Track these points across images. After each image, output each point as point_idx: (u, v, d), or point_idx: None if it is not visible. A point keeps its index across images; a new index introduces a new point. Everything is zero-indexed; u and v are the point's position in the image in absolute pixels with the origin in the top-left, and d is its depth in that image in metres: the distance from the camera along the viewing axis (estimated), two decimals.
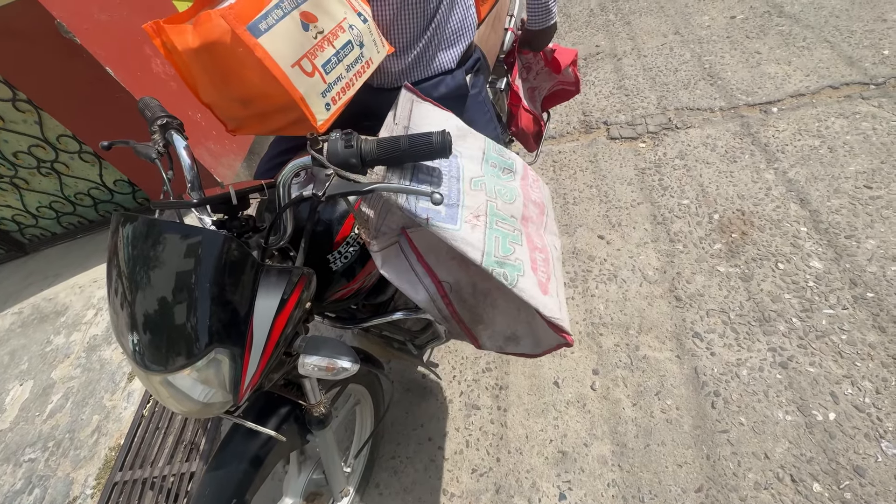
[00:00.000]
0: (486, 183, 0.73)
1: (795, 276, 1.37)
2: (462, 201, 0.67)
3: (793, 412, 1.13)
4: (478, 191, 0.71)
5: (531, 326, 0.78)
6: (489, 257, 0.65)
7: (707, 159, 1.80)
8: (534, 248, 0.74)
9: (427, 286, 0.74)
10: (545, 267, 0.74)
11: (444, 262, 0.73)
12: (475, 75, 1.00)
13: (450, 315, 0.76)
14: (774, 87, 1.97)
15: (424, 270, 0.73)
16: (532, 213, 0.78)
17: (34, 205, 2.65)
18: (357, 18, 0.75)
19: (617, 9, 2.87)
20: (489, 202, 0.71)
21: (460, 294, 0.75)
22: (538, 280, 0.69)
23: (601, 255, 1.62)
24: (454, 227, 0.64)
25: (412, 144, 0.58)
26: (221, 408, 0.64)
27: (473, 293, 0.75)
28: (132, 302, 0.58)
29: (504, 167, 0.80)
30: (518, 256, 0.69)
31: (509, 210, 0.74)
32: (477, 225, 0.67)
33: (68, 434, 1.71)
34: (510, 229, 0.71)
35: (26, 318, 2.34)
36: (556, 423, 1.26)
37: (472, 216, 0.67)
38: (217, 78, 0.68)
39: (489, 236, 0.67)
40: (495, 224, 0.69)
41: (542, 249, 0.77)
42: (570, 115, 2.23)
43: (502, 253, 0.67)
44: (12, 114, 2.20)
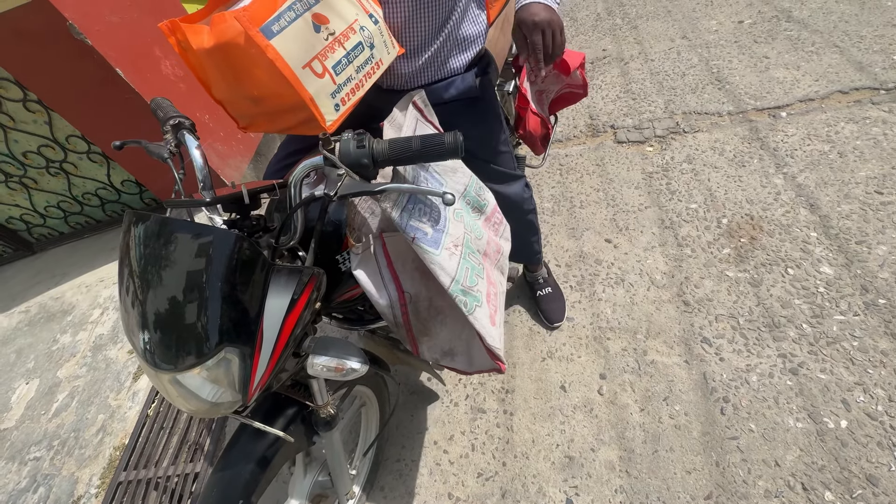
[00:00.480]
0: (465, 217, 0.79)
1: (805, 282, 1.35)
2: (447, 228, 0.72)
3: (804, 419, 1.11)
4: (458, 222, 0.76)
5: (468, 347, 0.85)
6: (457, 284, 0.70)
7: (715, 163, 1.79)
8: (490, 283, 0.80)
9: (390, 293, 0.77)
10: (495, 301, 0.81)
11: (409, 272, 0.77)
12: (485, 78, 1.00)
13: (402, 323, 0.81)
14: (783, 92, 1.96)
15: (391, 276, 0.77)
16: (491, 251, 0.85)
17: (42, 204, 2.67)
18: (368, 20, 0.75)
19: (623, 13, 2.87)
20: (466, 234, 0.76)
21: (417, 306, 0.80)
22: (489, 312, 0.76)
23: (608, 258, 1.61)
24: (435, 252, 0.68)
25: (424, 145, 0.58)
26: (230, 407, 0.63)
27: (428, 308, 0.81)
28: (143, 300, 0.58)
29: (476, 206, 0.85)
30: (479, 289, 0.75)
31: (478, 245, 0.80)
32: (454, 253, 0.71)
33: (73, 433, 1.71)
34: (477, 263, 0.77)
35: (33, 317, 2.35)
36: (563, 427, 1.25)
37: (452, 244, 0.71)
38: (230, 76, 0.68)
39: (462, 266, 0.72)
40: (468, 256, 0.75)
41: (495, 285, 0.83)
42: (576, 119, 2.23)
43: (468, 283, 0.72)
44: (23, 114, 2.22)
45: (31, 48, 1.78)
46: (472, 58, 0.96)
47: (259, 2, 0.63)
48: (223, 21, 0.62)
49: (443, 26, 0.87)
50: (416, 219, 0.68)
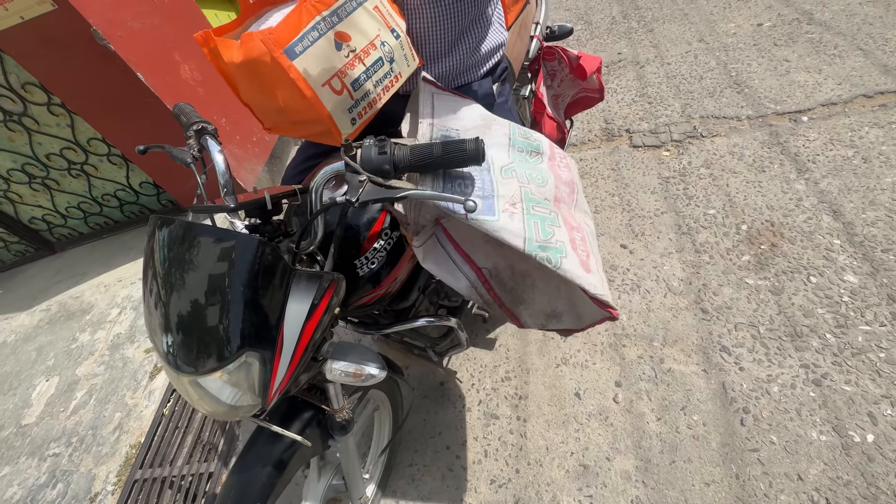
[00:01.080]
0: (517, 169, 0.74)
1: (829, 291, 1.32)
2: (496, 191, 0.68)
3: (828, 432, 1.08)
4: (510, 178, 0.71)
5: (571, 302, 0.79)
6: (531, 243, 0.66)
7: (734, 169, 1.76)
8: (571, 228, 0.74)
9: (467, 274, 0.75)
10: (584, 245, 0.74)
11: (481, 248, 0.74)
12: (502, 84, 1.00)
13: (491, 300, 0.77)
14: (804, 96, 1.92)
15: (463, 258, 0.75)
16: (563, 193, 0.79)
17: (63, 205, 2.73)
18: (390, 35, 0.76)
19: (639, 16, 2.84)
20: (522, 188, 0.72)
21: (500, 278, 0.76)
22: (580, 259, 0.70)
23: (624, 264, 1.59)
24: (493, 219, 0.65)
25: (445, 152, 0.58)
26: (249, 411, 0.64)
27: (512, 276, 0.77)
28: (167, 303, 0.58)
29: (531, 150, 0.80)
30: (558, 238, 0.69)
31: (543, 193, 0.74)
32: (514, 213, 0.67)
33: (91, 430, 1.74)
34: (547, 212, 0.72)
35: (53, 315, 2.40)
36: (578, 435, 1.24)
37: (508, 205, 0.67)
38: (257, 87, 0.72)
39: (528, 222, 0.67)
40: (532, 209, 0.70)
41: (579, 228, 0.77)
42: (591, 123, 2.21)
43: (543, 237, 0.67)
44: (46, 117, 2.27)
45: (56, 53, 1.83)
46: (492, 64, 0.96)
47: (285, 22, 0.65)
48: (251, 41, 0.66)
49: (463, 34, 0.87)
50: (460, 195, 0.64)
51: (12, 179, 2.56)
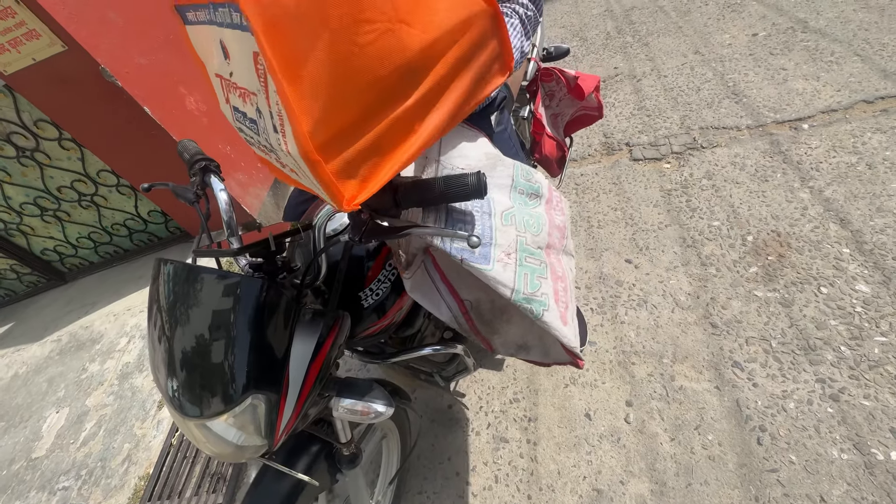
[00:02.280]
0: (516, 215, 0.74)
1: (841, 301, 1.29)
2: (494, 240, 0.68)
3: (849, 450, 1.05)
4: (509, 226, 0.72)
5: (542, 339, 0.82)
6: (518, 294, 0.67)
7: (736, 179, 1.75)
8: (556, 279, 0.76)
9: (450, 304, 0.77)
10: (565, 296, 0.76)
11: (464, 279, 0.75)
12: (500, 113, 1.01)
13: (469, 329, 0.80)
14: (803, 104, 1.92)
15: (447, 289, 0.76)
16: (554, 239, 0.80)
17: (74, 236, 2.79)
18: None
19: (634, 31, 2.88)
20: (519, 237, 0.72)
21: (479, 311, 0.78)
22: (559, 312, 0.72)
23: (629, 279, 1.57)
24: (488, 267, 0.65)
25: (447, 187, 0.58)
26: (256, 452, 0.63)
27: (492, 310, 0.79)
28: (171, 347, 0.59)
29: (531, 192, 0.81)
30: (544, 291, 0.71)
31: (537, 241, 0.75)
32: (508, 263, 0.68)
33: (100, 462, 1.74)
34: (537, 263, 0.73)
35: (64, 346, 2.43)
36: (590, 458, 1.21)
37: (503, 254, 0.68)
38: None
39: (519, 273, 0.69)
40: (524, 260, 0.71)
41: (563, 278, 0.78)
42: (591, 138, 2.22)
43: (530, 290, 0.69)
44: (58, 151, 2.34)
45: (66, 91, 1.89)
46: (488, 101, 0.97)
47: None
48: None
49: None
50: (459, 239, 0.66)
51: (25, 213, 2.62)
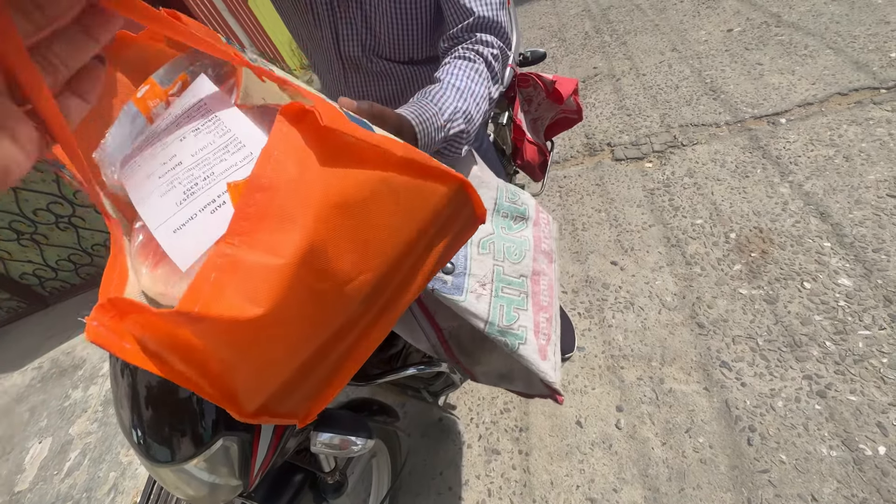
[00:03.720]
0: (495, 242, 0.72)
1: (824, 296, 1.30)
2: (469, 269, 0.66)
3: (838, 447, 1.05)
4: (486, 255, 0.70)
5: (525, 372, 0.77)
6: (492, 326, 0.65)
7: (717, 176, 1.75)
8: (539, 310, 0.73)
9: (427, 333, 0.73)
10: (548, 328, 0.73)
11: (443, 308, 0.72)
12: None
13: (449, 358, 0.77)
14: (780, 98, 1.93)
15: (424, 315, 0.72)
16: (542, 265, 0.77)
17: (54, 258, 2.72)
18: None
19: (612, 30, 2.89)
20: (496, 266, 0.70)
21: (458, 339, 0.75)
22: (538, 346, 0.69)
23: (615, 282, 1.57)
24: (460, 298, 0.63)
25: None
26: (232, 493, 0.61)
27: (472, 339, 0.75)
28: (135, 393, 0.56)
29: (516, 215, 0.78)
30: (521, 323, 0.69)
31: (517, 270, 0.72)
32: (482, 294, 0.66)
33: (85, 493, 1.69)
34: (516, 294, 0.70)
35: (46, 373, 2.36)
36: (582, 466, 1.20)
37: (477, 285, 0.66)
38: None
39: (494, 305, 0.66)
40: (501, 291, 0.69)
41: (547, 308, 0.76)
42: (573, 139, 2.22)
43: (506, 323, 0.67)
44: (31, 174, 2.28)
45: None
46: None
47: None
48: None
49: None
50: None
51: (0, 237, 2.56)
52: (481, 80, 0.63)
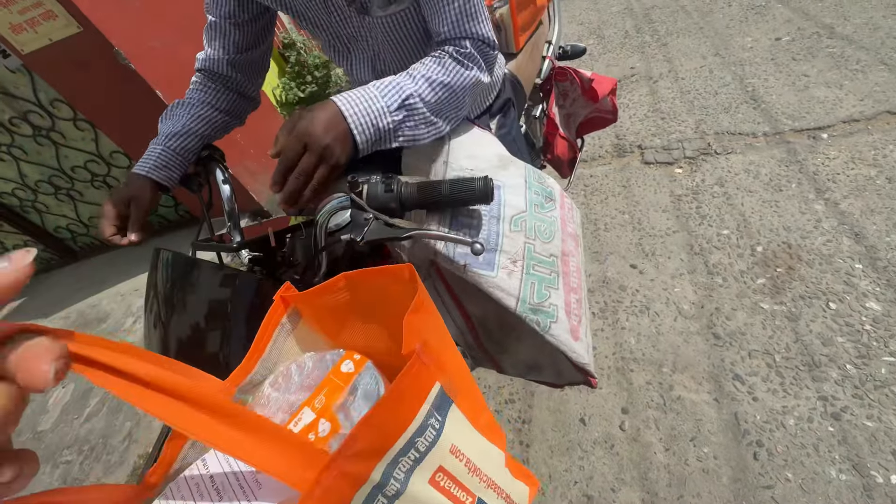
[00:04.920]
0: (527, 220, 0.72)
1: (849, 318, 1.26)
2: (500, 246, 0.66)
3: (847, 471, 1.02)
4: (517, 232, 0.69)
5: (554, 359, 0.76)
6: (524, 304, 0.64)
7: (749, 187, 1.71)
8: (569, 291, 0.72)
9: (455, 319, 0.73)
10: (578, 309, 0.72)
11: (471, 294, 0.72)
12: (504, 116, 0.98)
13: (475, 346, 0.76)
14: (824, 112, 1.86)
15: (454, 303, 0.73)
16: (570, 247, 0.77)
17: (87, 215, 2.83)
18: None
19: (653, 30, 2.82)
20: (527, 244, 0.70)
21: (486, 327, 0.74)
22: (570, 325, 0.68)
23: (633, 285, 1.55)
24: (491, 274, 0.63)
25: (454, 190, 0.57)
26: None
27: (500, 327, 0.74)
28: (166, 338, 0.59)
29: (545, 196, 0.78)
30: (553, 301, 0.68)
31: (548, 249, 0.72)
32: (514, 271, 0.66)
33: (102, 439, 1.78)
34: (547, 272, 0.70)
35: (72, 324, 2.48)
36: (582, 463, 1.20)
37: (509, 261, 0.66)
38: None
39: (525, 282, 0.66)
40: (532, 269, 0.68)
41: (577, 290, 0.75)
42: (602, 139, 2.19)
43: (537, 300, 0.66)
44: (72, 132, 2.37)
45: (81, 72, 1.91)
46: (487, 105, 0.95)
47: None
48: None
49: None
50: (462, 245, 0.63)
51: (39, 190, 2.67)
52: (440, 68, 0.67)
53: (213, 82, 0.85)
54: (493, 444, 0.49)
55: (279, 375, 0.49)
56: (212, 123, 0.84)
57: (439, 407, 0.41)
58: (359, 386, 0.46)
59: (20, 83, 2.18)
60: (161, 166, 0.76)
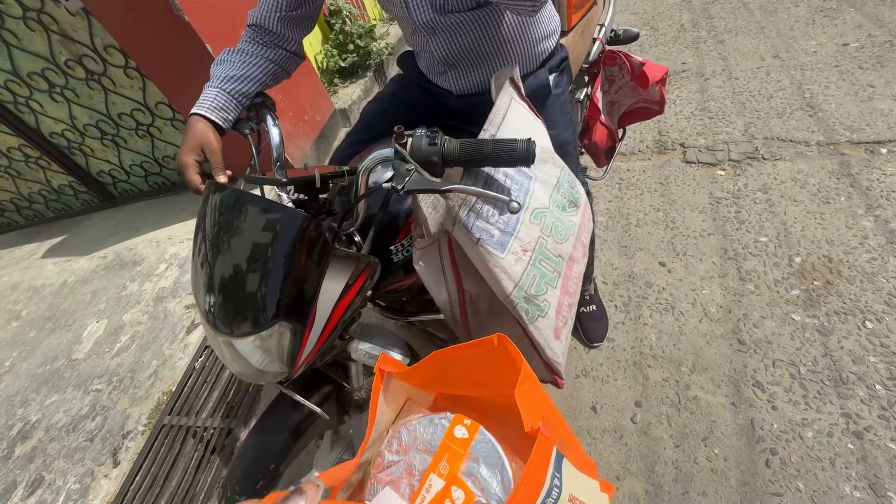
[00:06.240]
0: (546, 217, 0.73)
1: (886, 339, 1.22)
2: (517, 232, 0.68)
3: (863, 489, 1.01)
4: (535, 225, 0.71)
5: (527, 353, 0.79)
6: (519, 291, 0.67)
7: (795, 196, 1.65)
8: (565, 293, 0.75)
9: (450, 290, 0.76)
10: (567, 313, 0.75)
11: (472, 273, 0.75)
12: (560, 75, 0.98)
13: (461, 322, 0.79)
14: (887, 126, 1.76)
15: (453, 274, 0.75)
16: (578, 254, 0.79)
17: (128, 162, 2.93)
18: None
19: (710, 26, 2.70)
20: (541, 239, 0.72)
21: (476, 306, 0.77)
22: (556, 325, 0.71)
23: (660, 282, 1.53)
24: (500, 255, 0.66)
25: (495, 149, 0.58)
26: (275, 377, 0.67)
27: (488, 310, 0.78)
28: (212, 265, 0.62)
29: (571, 200, 0.79)
30: (547, 298, 0.70)
31: (558, 250, 0.74)
32: (521, 259, 0.68)
33: (130, 373, 1.88)
34: (551, 270, 0.72)
35: (109, 263, 2.60)
36: (589, 449, 1.21)
37: (520, 248, 0.68)
38: None
39: (528, 272, 0.68)
40: (538, 262, 0.71)
41: (572, 295, 0.78)
42: (644, 133, 2.13)
43: (534, 292, 0.69)
44: (122, 79, 2.44)
45: (137, 20, 1.95)
46: (544, 57, 0.94)
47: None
48: None
49: (512, 36, 0.86)
50: (483, 219, 0.65)
51: (87, 134, 2.77)
52: None
53: (263, 37, 0.87)
54: (591, 479, 0.54)
55: (392, 439, 0.54)
56: (265, 71, 0.86)
57: (557, 466, 0.47)
58: (478, 452, 0.50)
59: (78, 26, 2.24)
60: (218, 107, 0.78)
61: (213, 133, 0.77)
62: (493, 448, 0.50)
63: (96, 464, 1.60)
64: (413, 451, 0.52)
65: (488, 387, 0.57)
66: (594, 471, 0.59)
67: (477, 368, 0.55)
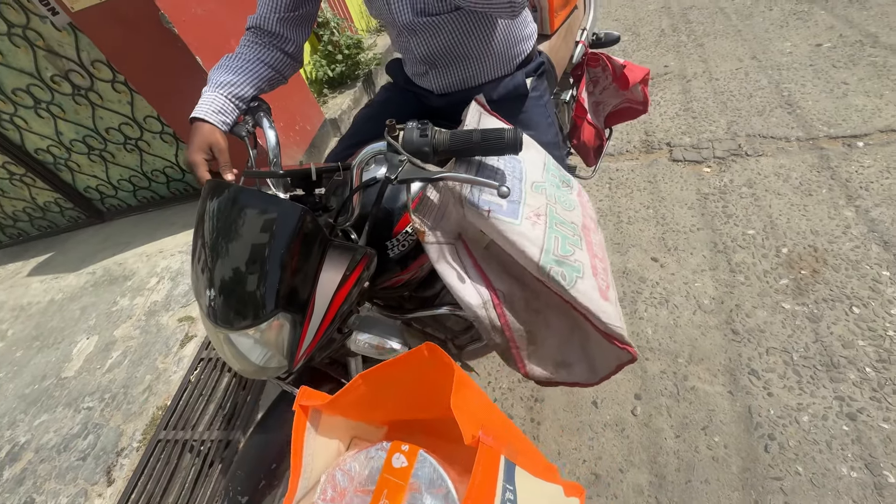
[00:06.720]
0: (547, 189, 0.73)
1: (873, 323, 1.25)
2: (524, 199, 0.68)
3: (859, 469, 1.03)
4: (539, 193, 0.71)
5: (584, 350, 0.73)
6: (548, 255, 0.63)
7: (778, 190, 1.69)
8: (594, 256, 0.71)
9: (481, 293, 0.68)
10: (605, 276, 0.71)
11: (497, 272, 0.71)
12: (538, 79, 1.01)
13: (500, 326, 0.69)
14: (861, 121, 1.83)
15: (480, 275, 0.69)
16: (590, 223, 0.78)
17: (116, 177, 2.91)
18: None
19: (690, 30, 2.79)
20: (549, 205, 0.71)
21: (513, 306, 0.69)
22: (598, 285, 0.67)
23: (653, 277, 1.56)
24: (514, 222, 0.64)
25: (484, 138, 0.60)
26: (275, 372, 0.67)
27: (526, 308, 0.70)
28: (212, 261, 0.62)
29: (563, 180, 0.80)
30: (578, 258, 0.67)
31: (569, 217, 0.73)
32: (537, 223, 0.66)
33: (123, 389, 1.84)
34: (570, 233, 0.70)
35: (98, 279, 2.56)
36: (591, 443, 1.22)
37: (532, 213, 0.67)
38: None
39: (549, 235, 0.66)
40: (555, 226, 0.68)
41: (602, 259, 0.74)
42: (631, 134, 2.18)
43: (562, 252, 0.65)
44: (110, 93, 2.43)
45: (126, 34, 1.96)
46: (521, 59, 0.97)
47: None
48: None
49: (489, 37, 0.89)
50: (488, 192, 0.65)
51: (73, 149, 2.75)
52: None
53: (262, 38, 0.88)
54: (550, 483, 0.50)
55: (326, 485, 0.48)
56: (261, 76, 0.87)
57: (508, 476, 0.43)
58: (420, 480, 0.46)
59: (65, 42, 2.24)
60: (216, 111, 0.79)
61: (220, 133, 0.79)
62: (436, 471, 0.47)
63: (89, 483, 1.55)
64: (350, 494, 0.47)
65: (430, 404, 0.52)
66: (555, 474, 0.54)
67: (413, 385, 0.50)
